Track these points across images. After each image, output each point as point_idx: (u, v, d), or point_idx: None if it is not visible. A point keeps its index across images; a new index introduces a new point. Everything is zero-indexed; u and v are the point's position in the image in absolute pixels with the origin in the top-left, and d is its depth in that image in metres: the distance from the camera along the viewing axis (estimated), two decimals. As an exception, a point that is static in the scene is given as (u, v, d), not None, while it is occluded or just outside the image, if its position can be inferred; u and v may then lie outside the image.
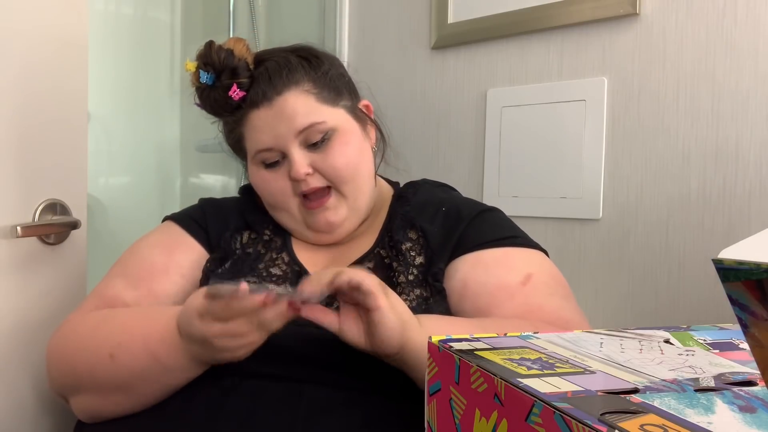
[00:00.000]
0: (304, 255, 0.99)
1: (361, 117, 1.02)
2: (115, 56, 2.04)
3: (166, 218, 1.07)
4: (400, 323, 0.76)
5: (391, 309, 0.75)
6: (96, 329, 0.90)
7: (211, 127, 1.08)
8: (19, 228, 1.05)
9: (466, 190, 1.19)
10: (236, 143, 1.02)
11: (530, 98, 1.32)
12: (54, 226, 1.12)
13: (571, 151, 1.26)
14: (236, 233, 1.01)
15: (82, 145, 1.16)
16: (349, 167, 0.96)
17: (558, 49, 1.28)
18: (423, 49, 1.51)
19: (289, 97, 0.95)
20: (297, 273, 0.96)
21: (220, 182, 2.08)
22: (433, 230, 0.96)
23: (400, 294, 0.88)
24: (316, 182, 0.95)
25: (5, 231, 1.07)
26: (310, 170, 0.94)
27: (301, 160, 0.94)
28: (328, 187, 0.97)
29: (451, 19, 1.44)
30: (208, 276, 0.96)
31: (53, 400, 1.11)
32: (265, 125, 0.95)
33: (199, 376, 0.84)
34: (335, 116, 0.97)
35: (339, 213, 0.97)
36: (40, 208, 1.11)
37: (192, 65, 0.97)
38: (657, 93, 1.16)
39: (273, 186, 0.97)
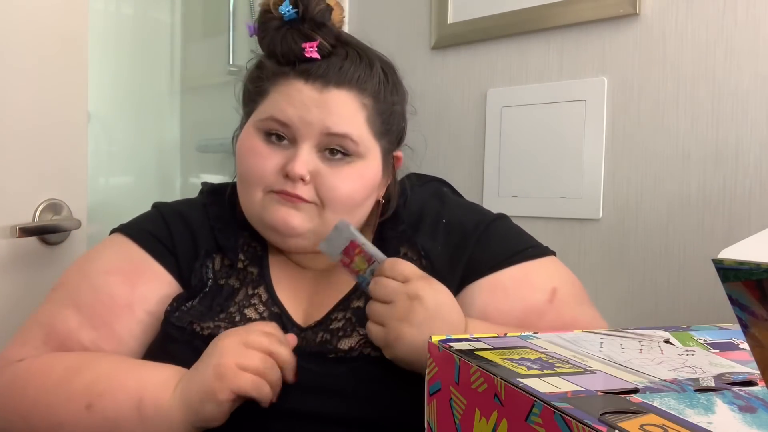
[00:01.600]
0: (284, 288, 0.87)
1: (387, 166, 0.90)
2: (115, 56, 2.04)
3: (116, 230, 0.90)
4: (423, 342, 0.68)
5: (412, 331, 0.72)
6: (70, 377, 0.78)
7: (211, 127, 1.07)
8: (18, 228, 1.05)
9: (466, 190, 1.19)
10: (253, 92, 0.87)
11: (530, 98, 1.32)
12: (54, 226, 1.12)
13: (571, 151, 1.26)
14: (207, 259, 0.87)
15: (82, 145, 1.16)
16: (349, 200, 0.83)
17: (558, 49, 1.28)
18: (423, 49, 1.51)
19: (344, 96, 0.82)
20: (277, 316, 0.84)
21: (220, 182, 2.08)
22: (436, 249, 0.87)
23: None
24: (303, 193, 0.82)
25: (5, 231, 1.06)
26: (308, 177, 0.81)
27: (306, 159, 0.81)
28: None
29: (451, 19, 1.44)
30: (168, 315, 0.83)
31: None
32: (299, 102, 0.81)
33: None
34: (369, 145, 0.84)
35: (304, 223, 0.83)
36: (40, 208, 1.11)
37: None
38: (657, 93, 1.16)
39: (259, 162, 0.83)
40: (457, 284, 0.85)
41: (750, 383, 0.46)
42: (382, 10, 1.59)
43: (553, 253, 0.93)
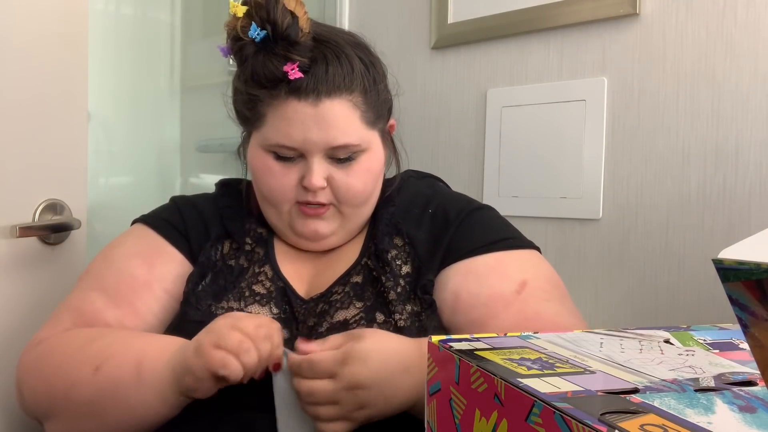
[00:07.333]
0: (288, 267, 0.94)
1: (386, 140, 0.97)
2: (115, 56, 2.04)
3: (137, 221, 0.99)
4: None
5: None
6: (86, 344, 0.84)
7: (211, 127, 1.07)
8: (18, 228, 1.05)
9: (466, 190, 1.19)
10: (251, 117, 0.91)
11: (530, 98, 1.32)
12: (54, 226, 1.12)
13: (571, 151, 1.26)
14: (217, 243, 0.95)
15: (82, 145, 1.16)
16: (363, 193, 0.91)
17: (558, 49, 1.28)
18: (423, 49, 1.51)
19: (337, 105, 0.86)
20: (282, 290, 0.91)
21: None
22: (420, 236, 0.93)
23: (393, 313, 0.86)
24: (324, 198, 0.90)
25: (5, 231, 1.07)
26: (324, 184, 0.89)
27: (320, 171, 0.88)
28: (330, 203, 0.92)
29: (451, 19, 1.44)
30: (188, 296, 0.90)
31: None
32: (299, 122, 0.86)
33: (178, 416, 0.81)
34: (369, 138, 0.91)
35: (330, 226, 0.92)
36: (40, 208, 1.11)
37: (240, 10, 0.85)
38: (657, 93, 1.16)
39: (277, 181, 0.90)
40: (436, 268, 0.91)
41: (750, 383, 0.46)
42: (382, 10, 1.59)
43: (537, 249, 0.95)
